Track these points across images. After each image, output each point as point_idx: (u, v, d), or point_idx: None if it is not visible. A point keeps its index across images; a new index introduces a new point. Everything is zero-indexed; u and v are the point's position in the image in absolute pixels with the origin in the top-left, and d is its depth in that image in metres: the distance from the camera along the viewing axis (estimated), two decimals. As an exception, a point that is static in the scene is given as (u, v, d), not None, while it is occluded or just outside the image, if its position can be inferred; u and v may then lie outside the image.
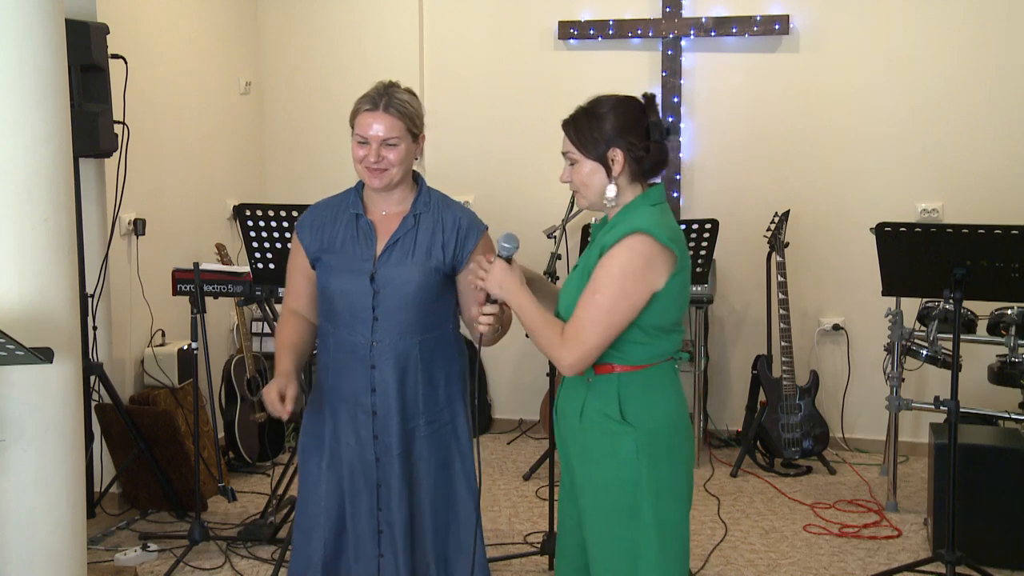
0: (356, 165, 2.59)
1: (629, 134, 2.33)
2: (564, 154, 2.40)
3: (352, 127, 2.59)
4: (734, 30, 5.21)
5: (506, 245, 2.38)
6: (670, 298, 2.31)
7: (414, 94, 2.66)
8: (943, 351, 4.33)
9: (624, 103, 2.37)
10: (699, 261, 3.96)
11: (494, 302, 2.41)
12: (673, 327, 2.36)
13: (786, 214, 4.92)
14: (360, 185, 2.70)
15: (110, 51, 4.00)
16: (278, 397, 2.53)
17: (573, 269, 2.47)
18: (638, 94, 2.46)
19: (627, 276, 2.25)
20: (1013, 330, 4.16)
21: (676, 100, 5.29)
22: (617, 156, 2.32)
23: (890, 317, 4.40)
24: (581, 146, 2.35)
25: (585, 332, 2.27)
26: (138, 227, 4.58)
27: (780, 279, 4.84)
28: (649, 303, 2.28)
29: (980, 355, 4.58)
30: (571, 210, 4.30)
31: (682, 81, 5.30)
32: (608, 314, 2.26)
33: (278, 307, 4.43)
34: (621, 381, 2.33)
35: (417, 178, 2.73)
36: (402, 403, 2.60)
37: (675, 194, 5.34)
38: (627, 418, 2.30)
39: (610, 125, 2.33)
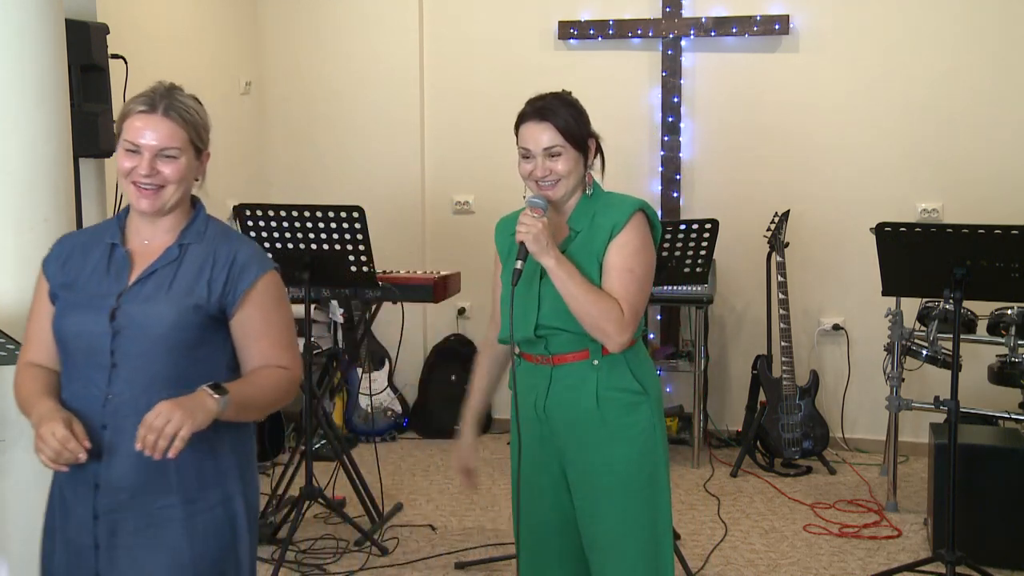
0: (121, 180, 2.08)
1: (590, 126, 2.55)
2: (547, 149, 2.46)
3: (118, 132, 2.10)
4: (734, 30, 5.21)
5: (539, 202, 2.45)
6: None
7: (200, 103, 2.29)
8: (943, 351, 4.33)
9: (576, 99, 2.57)
10: (699, 261, 3.96)
11: (526, 255, 2.40)
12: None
13: (786, 214, 4.92)
14: (126, 211, 2.15)
15: (110, 51, 3.99)
16: (69, 436, 1.91)
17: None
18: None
19: (647, 247, 2.46)
20: (1013, 330, 4.16)
21: (676, 100, 5.29)
22: (592, 145, 2.53)
23: (890, 317, 4.40)
24: (570, 137, 2.47)
25: (639, 306, 2.42)
26: (138, 227, 4.58)
27: (780, 279, 4.84)
28: None
29: (980, 355, 4.58)
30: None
31: (682, 81, 5.30)
32: (646, 288, 2.45)
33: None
34: (628, 356, 2.45)
35: (196, 203, 2.19)
36: (144, 475, 1.97)
37: (675, 194, 5.34)
38: (644, 387, 2.44)
39: (581, 116, 2.52)
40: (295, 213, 3.77)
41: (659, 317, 5.41)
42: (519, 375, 2.51)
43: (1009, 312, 4.20)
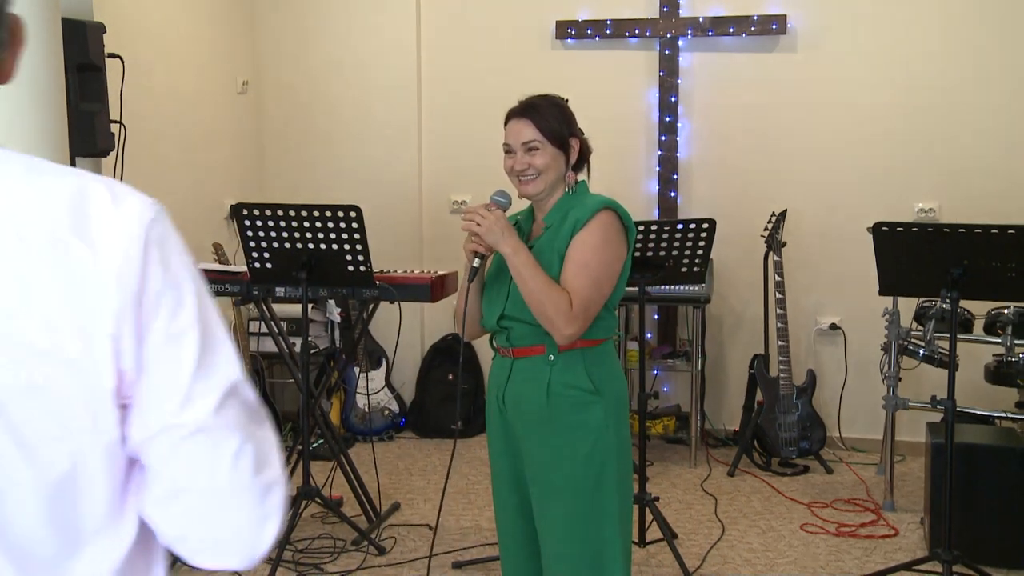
0: None
1: (576, 126, 2.62)
2: (525, 143, 2.55)
3: None
4: (731, 30, 5.21)
5: (499, 199, 2.56)
6: (623, 277, 2.55)
7: None
8: (940, 350, 4.33)
9: (563, 100, 2.64)
10: (696, 261, 3.96)
11: (483, 257, 2.54)
12: (616, 306, 2.59)
13: (783, 214, 4.93)
14: None
15: (107, 50, 3.98)
16: None
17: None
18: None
19: (610, 244, 2.48)
20: (1010, 329, 4.16)
21: (673, 100, 5.30)
22: (575, 144, 2.59)
23: (887, 317, 4.41)
24: (549, 134, 2.55)
25: (588, 301, 2.44)
26: (135, 226, 4.57)
27: (777, 279, 4.85)
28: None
29: (977, 354, 4.58)
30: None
31: (679, 81, 5.30)
32: (601, 283, 2.48)
33: (276, 307, 4.43)
34: (585, 355, 2.50)
35: None
36: None
37: (672, 193, 5.34)
38: (596, 388, 2.48)
39: (565, 116, 2.59)
40: (292, 213, 3.76)
41: (656, 317, 5.41)
42: (493, 365, 2.67)
43: (1006, 311, 4.21)
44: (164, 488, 1.03)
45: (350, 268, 3.84)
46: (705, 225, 3.91)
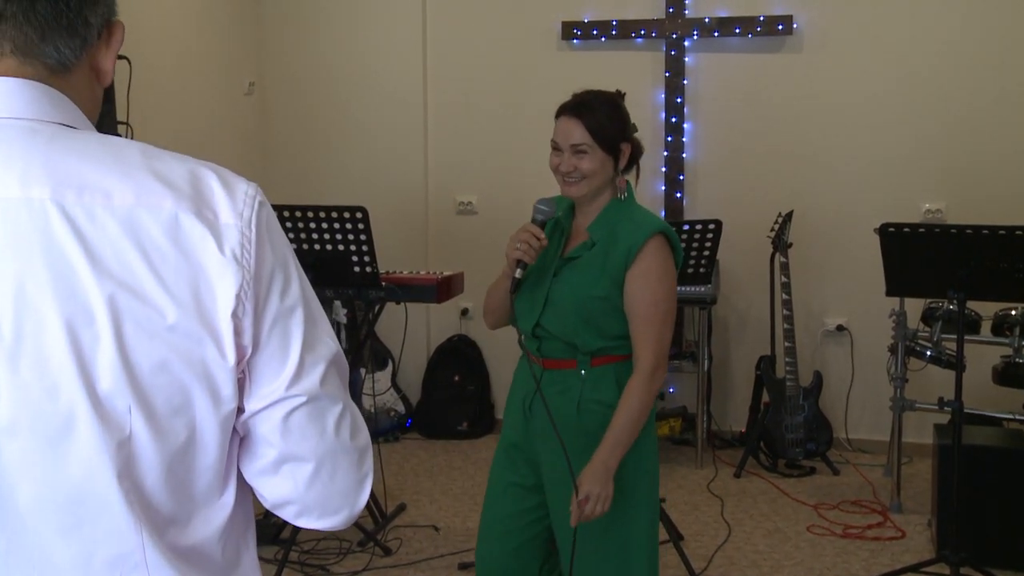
0: None
1: (629, 129, 2.50)
2: (574, 145, 2.44)
3: None
4: (737, 31, 5.20)
5: (543, 208, 2.46)
6: None
7: None
8: (947, 352, 4.32)
9: (618, 99, 2.52)
10: (702, 262, 3.96)
11: (526, 266, 2.45)
12: None
13: (789, 214, 4.92)
14: None
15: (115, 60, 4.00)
16: None
17: (564, 261, 2.50)
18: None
19: (668, 274, 2.45)
20: (1017, 330, 4.15)
21: (679, 100, 5.29)
22: (626, 149, 2.47)
23: (894, 318, 4.40)
24: (599, 138, 2.43)
25: (663, 343, 2.42)
26: (141, 227, 4.58)
27: (784, 280, 4.84)
28: None
29: (984, 356, 4.57)
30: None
31: (685, 81, 5.29)
32: (669, 316, 2.45)
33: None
34: (617, 370, 2.45)
35: None
36: None
37: (678, 195, 5.34)
38: None
39: (618, 118, 2.46)
40: (298, 213, 3.77)
41: (662, 318, 5.40)
42: (520, 367, 2.60)
43: (1013, 312, 4.20)
44: (274, 456, 1.11)
45: (356, 269, 3.85)
46: (711, 226, 3.91)
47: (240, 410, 1.09)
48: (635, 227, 2.43)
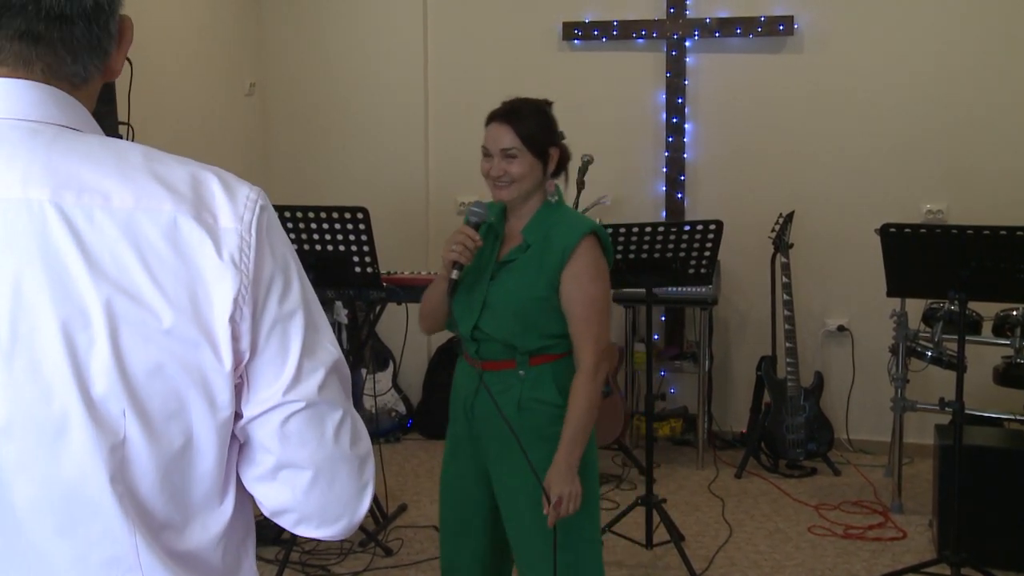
0: None
1: (557, 135, 2.60)
2: (504, 150, 2.53)
3: None
4: (738, 31, 5.20)
5: (476, 210, 2.55)
6: None
7: None
8: (948, 352, 4.32)
9: (546, 106, 2.63)
10: (703, 262, 3.95)
11: (462, 268, 2.52)
12: None
13: (790, 215, 4.92)
14: None
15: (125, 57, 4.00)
16: None
17: (500, 265, 2.58)
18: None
19: (602, 272, 2.55)
20: (1018, 331, 4.15)
21: (680, 101, 5.29)
22: (555, 153, 2.58)
23: (895, 318, 4.39)
24: (528, 142, 2.53)
25: (603, 338, 2.52)
26: (142, 228, 4.58)
27: (784, 280, 4.84)
28: None
29: (985, 356, 4.57)
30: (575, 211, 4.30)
31: (686, 82, 5.29)
32: (606, 312, 2.55)
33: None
34: (555, 368, 2.54)
35: None
36: None
37: (679, 195, 5.34)
38: (565, 401, 2.51)
39: (546, 124, 2.58)
40: (299, 214, 3.77)
41: (663, 318, 5.40)
42: (459, 370, 2.69)
43: (1015, 313, 4.20)
44: (272, 463, 1.10)
45: (357, 269, 3.85)
46: (712, 226, 3.91)
47: (238, 416, 1.08)
48: (568, 229, 2.52)
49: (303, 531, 1.14)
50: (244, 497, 1.14)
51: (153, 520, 1.05)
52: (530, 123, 2.53)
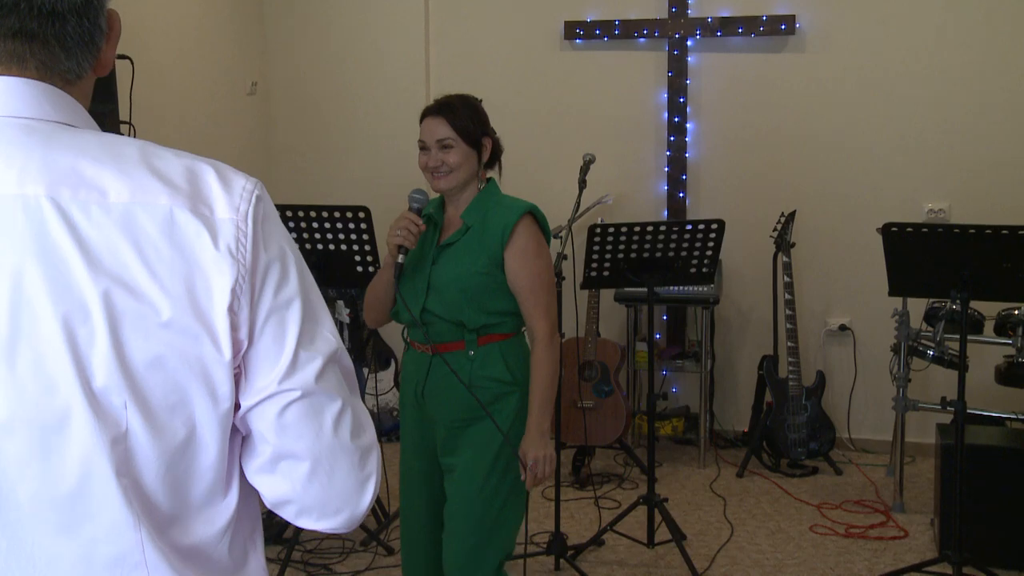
0: None
1: (489, 127, 2.73)
2: (439, 141, 2.69)
3: None
4: (740, 30, 5.20)
5: (417, 196, 2.69)
6: None
7: None
8: (950, 351, 4.32)
9: (478, 102, 2.76)
10: (705, 261, 3.95)
11: (407, 252, 2.64)
12: None
13: (792, 214, 4.92)
14: None
15: (116, 51, 4.00)
16: None
17: (440, 249, 2.70)
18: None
19: (543, 247, 2.69)
20: (1020, 330, 4.15)
21: (682, 100, 5.29)
22: (488, 144, 2.73)
23: (897, 317, 4.39)
24: (463, 133, 2.68)
25: (552, 308, 2.68)
26: (144, 227, 4.58)
27: (786, 279, 4.84)
28: None
29: (987, 356, 4.57)
30: (577, 210, 4.30)
31: (688, 81, 5.29)
32: (551, 284, 2.70)
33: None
34: (503, 348, 2.65)
35: None
36: None
37: (681, 194, 5.34)
38: (515, 378, 2.65)
39: (480, 116, 2.72)
40: (301, 213, 3.77)
41: (665, 317, 5.40)
42: (406, 360, 2.78)
43: (1016, 312, 4.19)
44: (270, 453, 1.09)
45: (359, 268, 3.85)
46: (714, 226, 3.91)
47: (238, 406, 1.08)
48: (506, 210, 2.66)
49: (304, 523, 1.14)
50: (249, 491, 1.13)
51: (158, 514, 1.05)
52: (463, 115, 2.67)
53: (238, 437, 1.11)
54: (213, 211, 1.04)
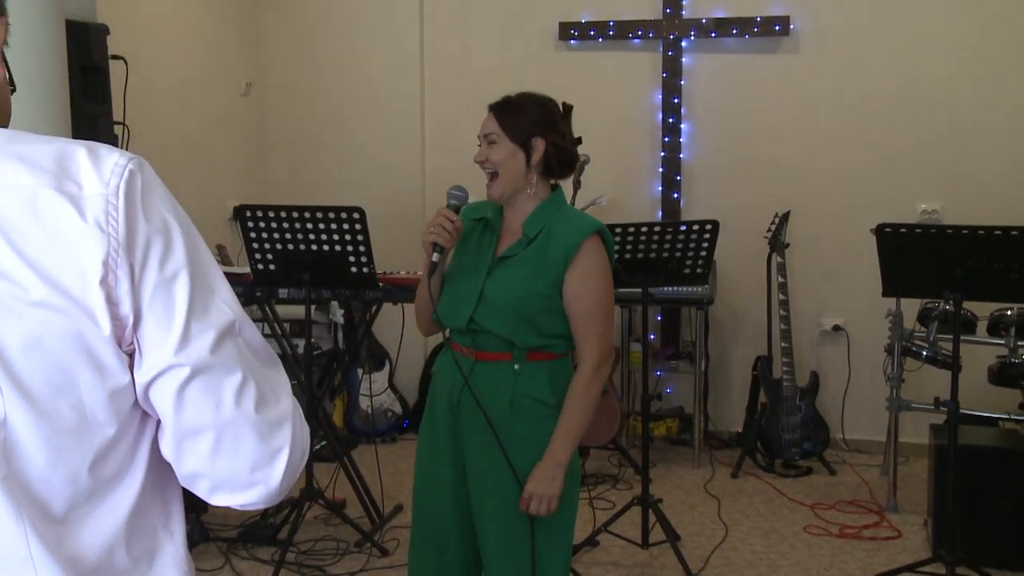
0: None
1: (550, 130, 2.50)
2: (486, 135, 2.52)
3: None
4: (734, 31, 5.21)
5: (457, 193, 2.53)
6: None
7: None
8: (943, 352, 4.33)
9: (548, 102, 2.56)
10: (699, 262, 3.96)
11: (443, 251, 2.51)
12: None
13: (786, 215, 4.92)
14: None
15: (110, 52, 3.99)
16: None
17: (500, 260, 2.51)
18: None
19: (608, 272, 2.50)
20: (1013, 331, 4.16)
21: (676, 101, 5.29)
22: (539, 144, 2.47)
23: (890, 318, 4.40)
24: (508, 129, 2.48)
25: (607, 336, 2.49)
26: (138, 228, 4.57)
27: (780, 280, 4.84)
28: None
29: (980, 356, 4.57)
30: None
31: (682, 82, 5.30)
32: (610, 310, 2.51)
33: (279, 308, 4.43)
34: (551, 368, 2.48)
35: None
36: None
37: (675, 195, 5.34)
38: (558, 402, 2.46)
39: (536, 115, 2.50)
40: (295, 214, 3.77)
41: (659, 318, 5.41)
42: (443, 361, 2.60)
43: (1009, 313, 4.20)
44: (173, 429, 1.07)
45: (353, 269, 3.85)
46: (708, 226, 3.91)
47: (136, 383, 1.06)
48: (572, 227, 2.47)
49: (220, 499, 1.11)
50: (161, 474, 1.11)
51: (47, 508, 1.02)
52: (512, 112, 2.50)
53: (149, 419, 1.08)
54: (81, 187, 1.02)
